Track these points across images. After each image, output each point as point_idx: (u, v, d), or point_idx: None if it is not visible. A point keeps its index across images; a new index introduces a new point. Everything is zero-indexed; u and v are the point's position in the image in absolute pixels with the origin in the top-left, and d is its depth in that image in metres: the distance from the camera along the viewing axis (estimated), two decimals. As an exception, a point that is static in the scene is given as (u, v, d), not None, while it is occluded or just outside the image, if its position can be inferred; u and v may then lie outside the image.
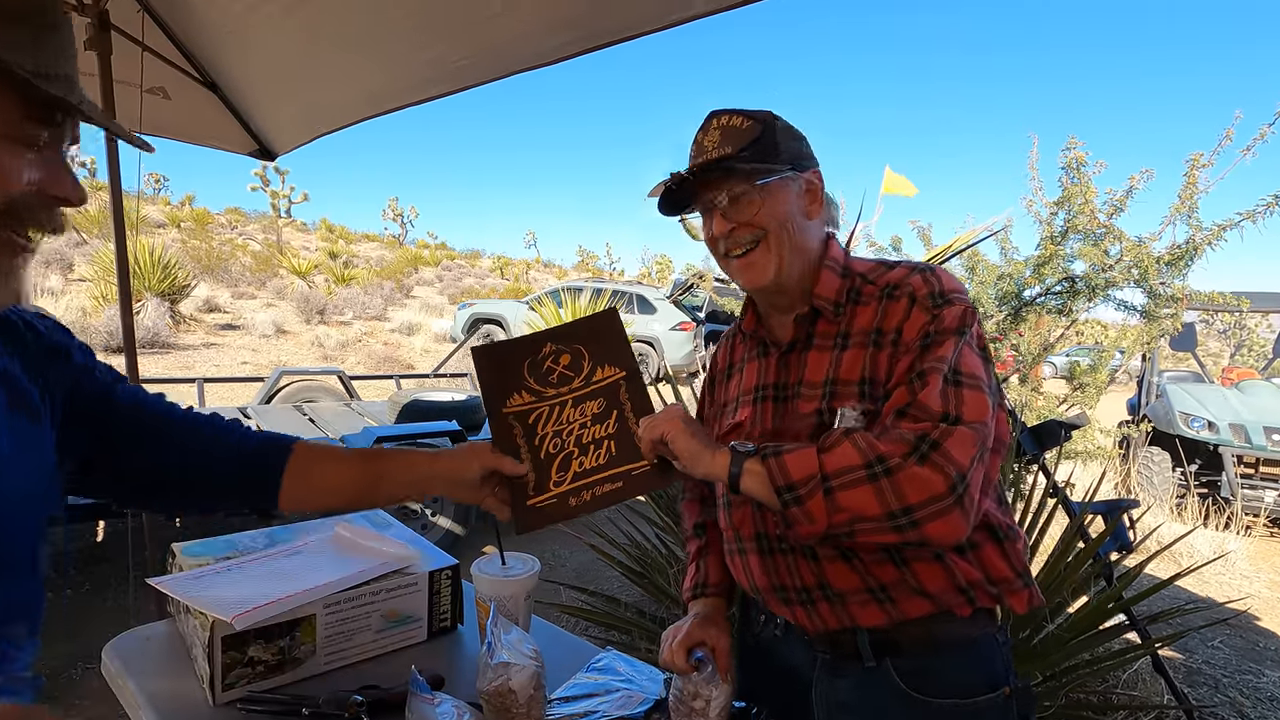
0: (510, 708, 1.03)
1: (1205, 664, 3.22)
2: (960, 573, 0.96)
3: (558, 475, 1.03)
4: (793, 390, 1.03)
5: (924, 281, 0.98)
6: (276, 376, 5.34)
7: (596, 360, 1.09)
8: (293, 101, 2.58)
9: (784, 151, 1.02)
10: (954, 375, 0.91)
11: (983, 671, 1.00)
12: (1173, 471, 5.69)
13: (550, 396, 1.08)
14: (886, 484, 0.84)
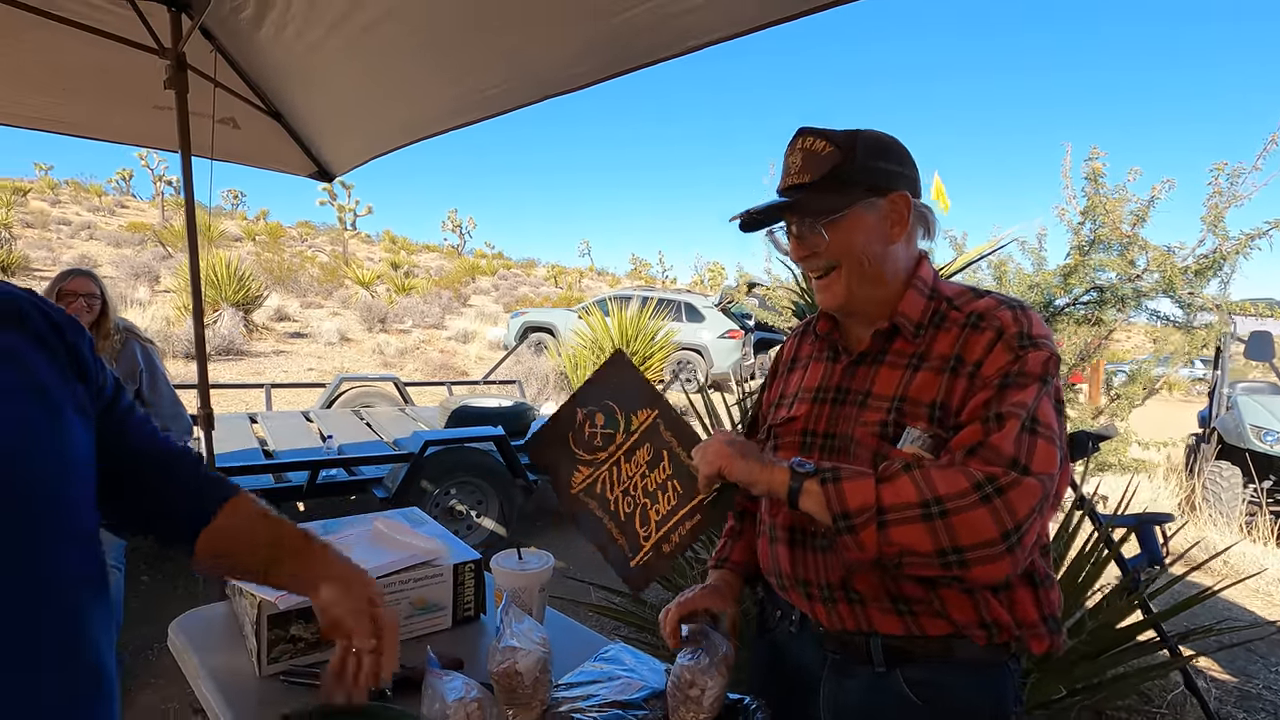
0: (516, 688, 1.13)
1: (1266, 689, 3.07)
2: (987, 609, 0.96)
3: (643, 530, 1.08)
4: (855, 398, 1.04)
5: (1014, 320, 0.96)
6: (337, 383, 5.64)
7: (627, 409, 1.11)
8: (347, 128, 2.79)
9: (864, 177, 1.00)
10: (1032, 423, 0.90)
11: (991, 696, 1.00)
12: (1243, 488, 5.39)
13: (603, 461, 1.11)
14: (941, 525, 0.86)
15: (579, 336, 9.14)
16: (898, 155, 1.04)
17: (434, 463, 3.82)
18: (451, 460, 3.91)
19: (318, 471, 3.62)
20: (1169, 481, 6.02)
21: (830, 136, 1.01)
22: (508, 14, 1.75)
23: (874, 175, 1.01)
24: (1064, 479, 0.97)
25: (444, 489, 3.88)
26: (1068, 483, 1.02)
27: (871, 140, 1.02)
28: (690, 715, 1.11)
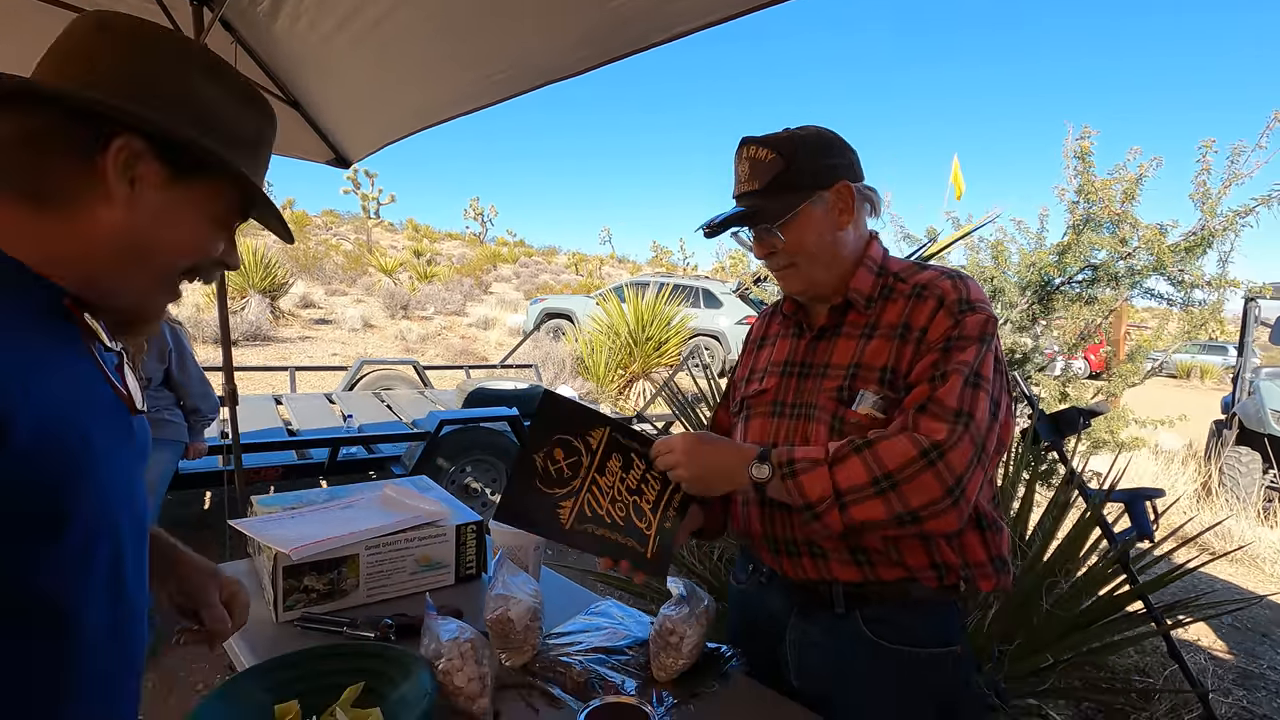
0: (509, 634, 1.22)
1: (1270, 669, 3.08)
2: (938, 553, 1.07)
3: (642, 523, 1.15)
4: (818, 370, 1.15)
5: (953, 288, 1.07)
6: (358, 366, 5.80)
7: (578, 435, 1.15)
8: (362, 116, 2.88)
9: (807, 176, 1.09)
10: (975, 378, 1.01)
11: (937, 629, 1.11)
12: (1263, 474, 5.32)
13: (580, 486, 1.14)
14: (893, 495, 0.96)
15: (595, 322, 9.23)
16: (835, 148, 1.12)
17: (450, 442, 3.95)
18: (467, 440, 4.03)
19: (338, 449, 3.76)
20: (1187, 467, 5.96)
21: (771, 144, 1.10)
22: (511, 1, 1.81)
23: (816, 173, 1.10)
24: (1006, 428, 1.06)
25: (459, 467, 4.00)
26: (1010, 433, 1.10)
27: (810, 141, 1.11)
28: (670, 660, 1.19)
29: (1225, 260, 3.07)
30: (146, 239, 0.67)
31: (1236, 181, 2.98)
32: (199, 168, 0.69)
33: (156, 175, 0.66)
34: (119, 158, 0.63)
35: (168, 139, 0.65)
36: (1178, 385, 18.92)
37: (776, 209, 1.09)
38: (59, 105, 0.62)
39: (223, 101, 0.71)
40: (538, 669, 1.20)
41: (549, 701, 1.13)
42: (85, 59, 0.65)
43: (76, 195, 0.63)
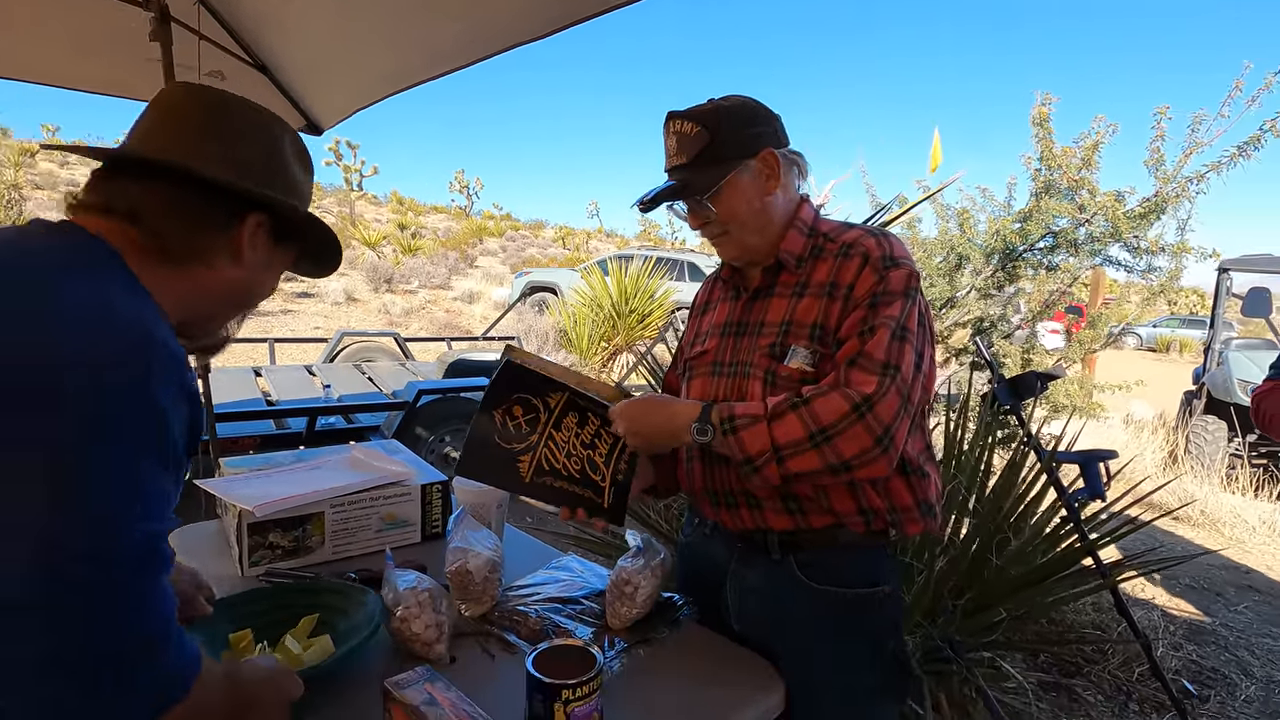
0: (467, 585, 1.26)
1: (1222, 626, 3.20)
2: (866, 499, 1.13)
3: (597, 475, 1.20)
4: (753, 329, 1.19)
5: (877, 245, 1.11)
6: (338, 338, 5.78)
7: (538, 395, 1.20)
8: (331, 80, 2.84)
9: (732, 146, 1.13)
10: (902, 331, 1.06)
11: (865, 571, 1.17)
12: (1228, 442, 5.46)
13: (538, 441, 1.18)
14: (827, 449, 1.01)
15: (579, 295, 9.21)
16: (758, 117, 1.16)
17: (428, 411, 3.97)
18: (446, 410, 4.05)
19: (316, 418, 3.77)
20: (1156, 435, 6.10)
21: (696, 117, 1.13)
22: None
23: (741, 143, 1.13)
24: (930, 378, 1.13)
25: (438, 436, 4.03)
26: (934, 382, 1.15)
27: (733, 111, 1.14)
28: (624, 609, 1.24)
29: (1184, 228, 3.13)
30: (250, 290, 0.87)
31: (1197, 150, 3.03)
32: (291, 236, 0.88)
33: (266, 242, 0.85)
34: (251, 229, 0.82)
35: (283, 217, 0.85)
36: (1156, 358, 19.22)
37: (705, 181, 1.13)
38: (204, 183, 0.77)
39: (305, 182, 0.90)
40: (495, 618, 1.24)
41: (504, 647, 1.17)
42: (218, 139, 0.81)
43: (212, 257, 0.80)
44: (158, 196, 0.76)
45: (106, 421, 0.61)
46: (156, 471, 0.65)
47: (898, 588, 1.21)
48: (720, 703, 1.06)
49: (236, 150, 0.81)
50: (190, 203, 0.78)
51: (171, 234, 0.77)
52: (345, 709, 1.00)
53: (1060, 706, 2.41)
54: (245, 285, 0.85)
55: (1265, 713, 2.53)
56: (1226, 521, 4.53)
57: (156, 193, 0.76)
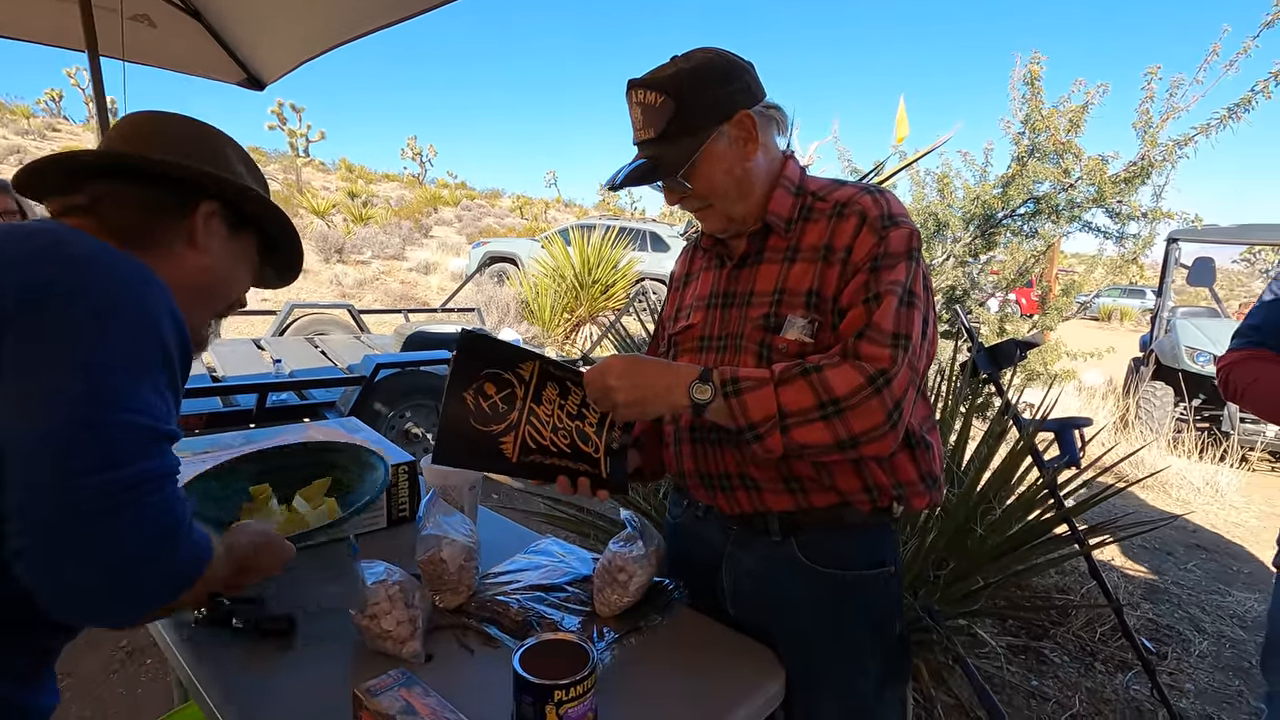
0: (442, 575, 1.16)
1: (1174, 584, 3.32)
2: (870, 475, 1.05)
3: (588, 447, 1.08)
4: (741, 299, 1.10)
5: (874, 203, 1.02)
6: (288, 310, 5.51)
7: (508, 368, 1.08)
8: (273, 29, 2.61)
9: (702, 113, 1.02)
10: (909, 296, 0.98)
11: (870, 551, 1.11)
12: (1175, 406, 5.67)
13: (517, 419, 1.07)
14: (838, 421, 0.93)
15: (540, 266, 9.01)
16: (726, 74, 1.04)
17: (387, 386, 3.80)
18: (405, 384, 3.89)
19: (266, 395, 3.57)
20: (1107, 401, 6.30)
21: (659, 85, 1.01)
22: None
23: (711, 107, 1.02)
24: (933, 344, 1.06)
25: (398, 412, 3.88)
26: (935, 347, 1.10)
27: (700, 72, 1.02)
28: (615, 597, 1.16)
29: (1159, 194, 3.15)
30: (219, 281, 0.91)
31: (1175, 114, 3.04)
32: (245, 224, 0.93)
33: (222, 229, 0.90)
34: (204, 216, 0.87)
35: (234, 203, 0.89)
36: (1100, 327, 19.97)
37: (677, 157, 1.02)
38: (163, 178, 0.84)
39: (247, 173, 0.94)
40: (473, 609, 1.15)
41: (485, 641, 1.08)
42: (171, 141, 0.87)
43: (171, 242, 0.86)
44: (117, 192, 0.83)
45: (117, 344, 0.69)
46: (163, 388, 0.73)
47: (899, 565, 1.15)
48: (721, 693, 0.99)
49: (183, 147, 0.88)
50: (147, 194, 0.84)
51: (132, 223, 0.84)
52: (311, 717, 0.90)
53: (1030, 668, 2.45)
54: (211, 274, 0.90)
55: (1218, 666, 2.63)
56: (1174, 483, 4.71)
57: (115, 189, 0.83)
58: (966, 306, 3.43)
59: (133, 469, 0.66)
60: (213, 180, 0.87)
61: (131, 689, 2.20)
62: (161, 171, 0.84)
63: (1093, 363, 3.90)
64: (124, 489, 0.65)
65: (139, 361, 0.70)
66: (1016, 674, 2.39)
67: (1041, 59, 3.21)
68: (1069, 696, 2.31)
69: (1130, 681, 2.43)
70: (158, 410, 0.71)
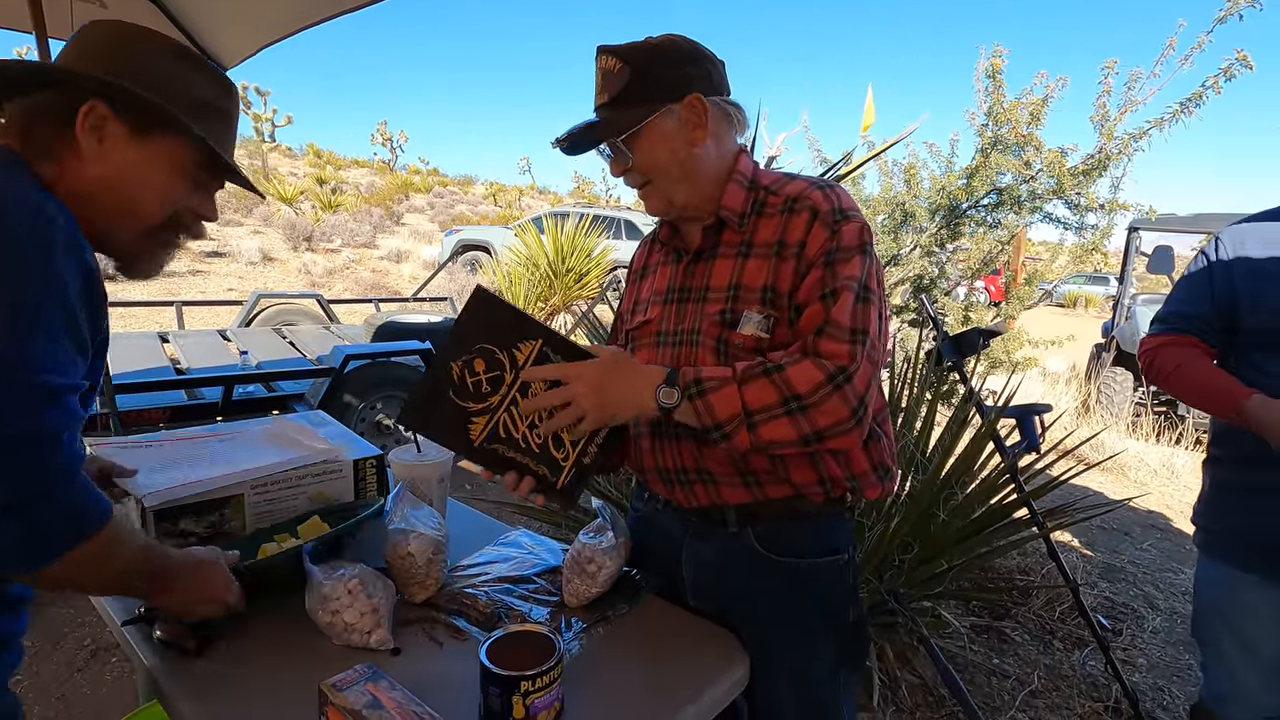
0: (410, 569, 1.16)
1: (1130, 563, 3.44)
2: (825, 468, 1.07)
3: (559, 453, 1.05)
4: (697, 294, 1.10)
5: (824, 198, 1.03)
6: (254, 300, 5.40)
7: (508, 346, 1.03)
8: (233, 10, 2.54)
9: (655, 89, 1.03)
10: (864, 291, 0.99)
11: (825, 540, 1.13)
12: (1134, 391, 5.84)
13: (497, 404, 1.03)
14: (801, 418, 0.95)
15: (513, 254, 8.93)
16: (689, 58, 1.06)
17: (357, 378, 3.76)
18: (376, 375, 3.85)
19: (233, 387, 3.51)
20: (1070, 386, 6.47)
21: (621, 53, 1.03)
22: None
23: (665, 84, 1.03)
24: (886, 335, 1.09)
25: (369, 403, 3.83)
26: (888, 339, 1.12)
27: (661, 49, 1.05)
28: (583, 587, 1.17)
29: (1117, 185, 3.24)
30: (121, 186, 0.86)
31: (1132, 108, 3.11)
32: (157, 126, 0.86)
33: (120, 133, 0.84)
34: (86, 120, 0.82)
35: (126, 102, 0.84)
36: (1065, 313, 20.42)
37: (621, 121, 1.03)
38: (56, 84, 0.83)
39: (184, 76, 0.88)
40: (442, 602, 1.16)
41: (453, 634, 1.09)
42: (79, 50, 0.85)
43: (62, 152, 0.83)
44: (23, 104, 0.84)
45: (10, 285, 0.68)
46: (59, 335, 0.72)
47: (854, 553, 1.18)
48: (686, 679, 1.01)
49: (91, 49, 0.85)
50: (40, 102, 0.83)
51: (33, 133, 0.83)
52: (277, 716, 0.90)
53: (991, 648, 2.52)
54: (107, 180, 0.85)
55: (1170, 642, 2.73)
56: (1132, 466, 4.86)
57: (25, 102, 0.84)
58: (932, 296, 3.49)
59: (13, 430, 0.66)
60: (90, 81, 0.82)
61: (96, 688, 2.17)
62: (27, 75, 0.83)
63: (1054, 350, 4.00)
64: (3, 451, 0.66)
65: (30, 311, 0.69)
66: (979, 653, 2.47)
67: (1004, 52, 3.27)
68: (1028, 673, 2.39)
69: (1086, 658, 2.51)
70: (52, 362, 0.70)
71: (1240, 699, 1.50)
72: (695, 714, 0.97)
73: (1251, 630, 1.46)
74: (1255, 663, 1.47)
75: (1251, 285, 1.42)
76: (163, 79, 0.86)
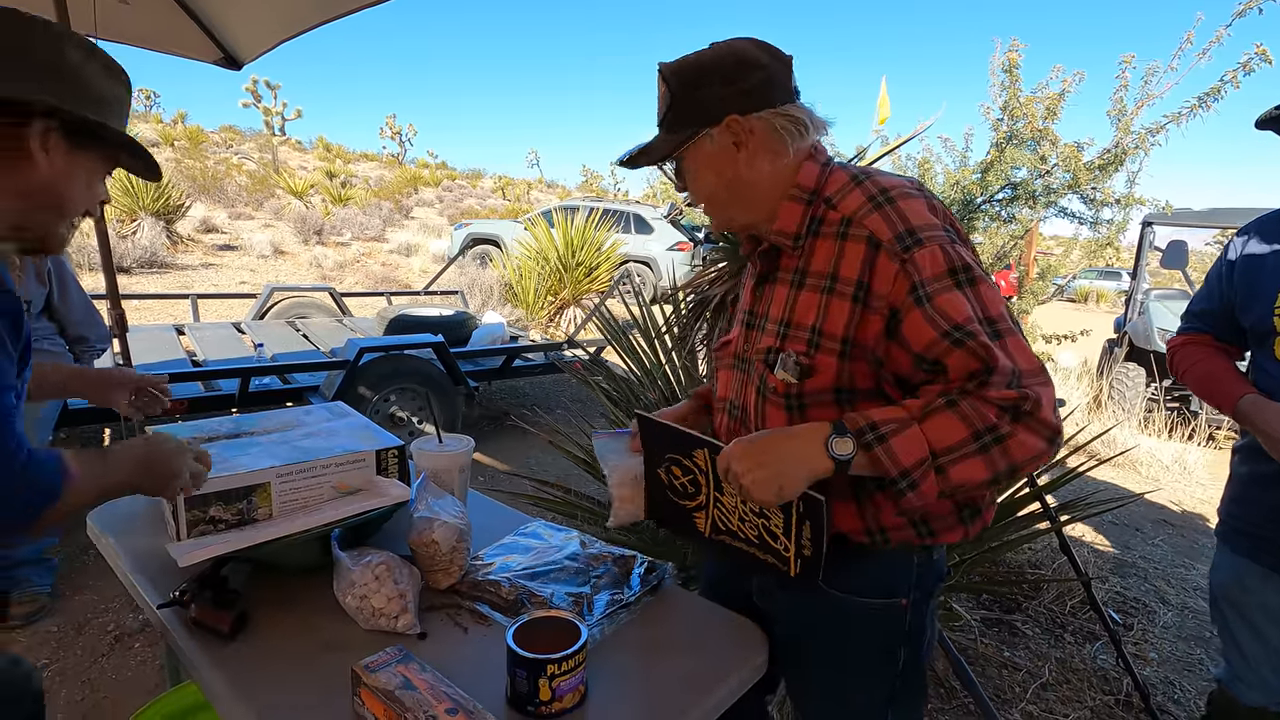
0: (435, 556, 1.18)
1: (1142, 559, 3.44)
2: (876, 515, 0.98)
3: (778, 544, 0.99)
4: (758, 321, 1.06)
5: (885, 223, 0.91)
6: (268, 293, 5.45)
7: (685, 454, 1.04)
8: (251, 5, 2.56)
9: (692, 113, 0.99)
10: (988, 325, 0.88)
11: (887, 582, 1.03)
12: (1146, 387, 5.81)
13: (705, 501, 1.05)
14: (997, 452, 0.84)
15: (523, 248, 8.95)
16: (720, 77, 0.97)
17: (371, 370, 3.79)
18: (390, 368, 3.88)
19: (249, 379, 3.55)
20: (1082, 382, 6.44)
21: (666, 74, 1.00)
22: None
23: (700, 108, 0.99)
24: None
25: (383, 396, 3.87)
26: None
27: (702, 68, 0.98)
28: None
29: (1133, 180, 3.22)
30: (51, 193, 0.96)
31: (1149, 102, 3.10)
32: (88, 139, 0.97)
33: (61, 146, 0.94)
34: (44, 138, 0.92)
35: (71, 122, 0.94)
36: (1076, 308, 20.28)
37: (661, 148, 1.02)
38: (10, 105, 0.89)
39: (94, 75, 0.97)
40: (465, 589, 1.18)
41: (477, 619, 1.11)
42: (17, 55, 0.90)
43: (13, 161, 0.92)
44: None
45: None
46: None
47: (917, 596, 1.05)
48: (705, 666, 1.03)
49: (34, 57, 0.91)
50: None
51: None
52: (311, 696, 0.93)
53: (1002, 640, 2.54)
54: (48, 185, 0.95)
55: (1181, 637, 2.74)
56: (1144, 461, 4.85)
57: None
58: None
59: None
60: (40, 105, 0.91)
61: (120, 673, 2.21)
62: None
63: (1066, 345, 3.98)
64: None
65: None
66: (990, 646, 2.48)
67: (1020, 47, 3.26)
68: (1039, 666, 2.40)
69: (1097, 651, 2.52)
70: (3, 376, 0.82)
71: (1256, 683, 1.52)
72: (715, 700, 0.99)
73: (1261, 619, 1.47)
74: (1267, 650, 1.48)
75: (1246, 282, 1.44)
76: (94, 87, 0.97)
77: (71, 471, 0.88)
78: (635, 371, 2.61)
